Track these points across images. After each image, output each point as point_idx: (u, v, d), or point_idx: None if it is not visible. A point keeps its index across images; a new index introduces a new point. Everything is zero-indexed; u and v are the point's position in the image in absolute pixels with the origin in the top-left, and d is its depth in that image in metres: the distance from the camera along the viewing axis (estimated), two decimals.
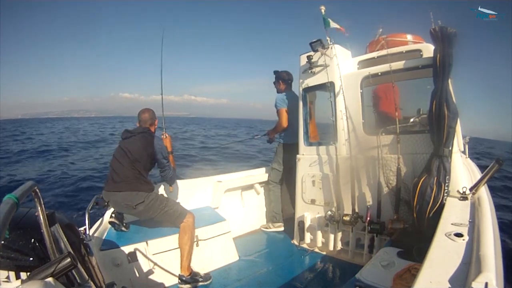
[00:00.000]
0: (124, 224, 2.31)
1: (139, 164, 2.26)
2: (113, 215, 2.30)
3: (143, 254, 2.23)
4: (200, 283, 2.27)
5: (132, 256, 2.19)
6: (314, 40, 2.56)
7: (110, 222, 2.30)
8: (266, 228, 3.47)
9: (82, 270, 1.09)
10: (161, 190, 2.79)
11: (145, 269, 2.22)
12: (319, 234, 2.77)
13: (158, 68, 3.03)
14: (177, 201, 2.80)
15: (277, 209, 3.39)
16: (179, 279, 2.24)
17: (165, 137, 2.62)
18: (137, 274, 2.19)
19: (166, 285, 2.27)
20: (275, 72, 3.38)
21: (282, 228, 3.37)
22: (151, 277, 2.24)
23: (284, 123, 3.17)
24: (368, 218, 2.34)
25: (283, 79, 3.31)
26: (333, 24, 2.50)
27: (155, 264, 2.27)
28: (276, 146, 3.41)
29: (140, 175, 2.27)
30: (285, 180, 3.39)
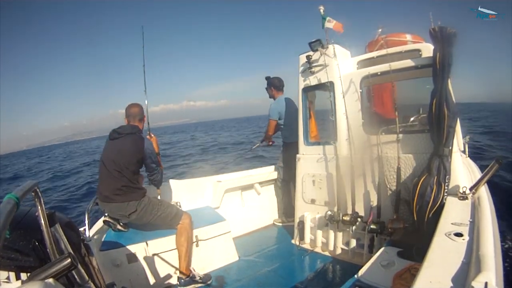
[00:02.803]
0: (121, 224, 2.30)
1: (128, 171, 2.16)
2: (107, 213, 2.28)
3: (143, 254, 2.23)
4: (200, 284, 2.26)
5: (132, 256, 2.19)
6: (313, 40, 2.56)
7: (104, 221, 2.29)
8: (280, 222, 3.56)
9: (82, 270, 1.09)
10: (154, 191, 2.66)
11: (145, 270, 2.22)
12: (319, 234, 2.77)
13: (153, 79, 3.01)
14: (177, 201, 2.79)
15: (289, 204, 3.44)
16: (178, 280, 2.23)
17: (150, 137, 2.53)
18: (137, 275, 2.19)
19: (166, 285, 2.27)
20: (267, 78, 3.52)
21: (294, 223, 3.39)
22: (151, 277, 2.24)
23: (270, 132, 3.51)
24: (371, 218, 2.33)
25: (275, 86, 3.46)
26: (328, 24, 2.48)
27: (155, 264, 2.27)
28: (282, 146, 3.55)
29: (130, 182, 2.17)
30: (291, 178, 3.41)
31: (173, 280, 2.29)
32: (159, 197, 2.63)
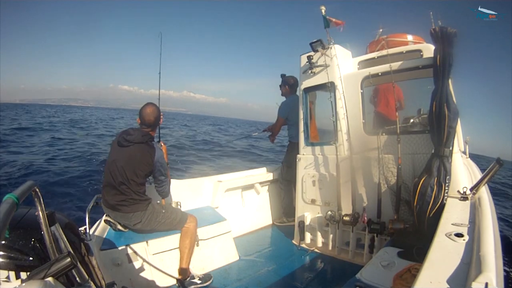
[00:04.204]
0: (122, 224, 2.28)
1: (134, 183, 2.09)
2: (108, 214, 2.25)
3: (143, 254, 2.23)
4: (199, 285, 2.26)
5: (132, 256, 2.19)
6: (314, 40, 2.56)
7: (105, 221, 2.29)
8: (280, 222, 3.56)
9: (82, 269, 1.09)
10: (158, 196, 2.47)
11: (145, 269, 2.22)
12: (319, 234, 2.77)
13: (158, 62, 2.94)
14: (178, 201, 2.79)
15: (290, 205, 3.44)
16: (177, 282, 2.23)
17: (160, 146, 2.37)
18: (137, 274, 2.19)
19: (166, 285, 2.27)
20: (282, 76, 3.51)
21: (294, 223, 3.38)
22: (151, 277, 2.23)
23: (276, 128, 3.60)
24: (365, 219, 2.33)
25: (289, 85, 3.46)
26: (332, 25, 2.49)
27: (156, 264, 2.27)
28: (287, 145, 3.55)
29: (136, 195, 2.11)
30: (292, 177, 3.41)
31: (173, 280, 2.29)
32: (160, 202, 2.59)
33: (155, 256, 2.28)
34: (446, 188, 1.89)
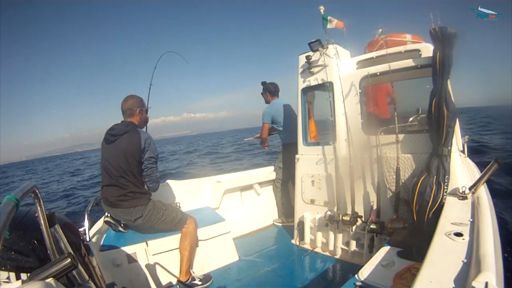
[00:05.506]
0: (122, 225, 2.29)
1: (131, 174, 2.10)
2: (109, 214, 2.26)
3: (143, 254, 2.23)
4: (200, 286, 2.26)
5: (132, 256, 2.19)
6: (313, 40, 2.56)
7: (105, 222, 2.29)
8: (280, 222, 3.56)
9: (83, 270, 1.09)
10: (158, 194, 2.43)
11: (145, 270, 2.22)
12: (319, 234, 2.77)
13: (156, 89, 2.95)
14: (177, 201, 2.79)
15: (288, 205, 3.46)
16: (177, 284, 2.23)
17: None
18: (137, 275, 2.19)
19: (166, 285, 2.27)
20: (263, 84, 3.56)
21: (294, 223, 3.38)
22: (151, 277, 2.23)
23: (263, 134, 3.54)
24: (371, 218, 2.33)
25: (269, 91, 3.51)
26: (330, 25, 2.49)
27: (155, 264, 2.27)
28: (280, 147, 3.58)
29: (135, 187, 2.12)
30: (289, 178, 3.43)
31: (173, 280, 2.29)
32: (165, 193, 2.60)
33: (155, 256, 2.28)
34: (445, 187, 1.89)
